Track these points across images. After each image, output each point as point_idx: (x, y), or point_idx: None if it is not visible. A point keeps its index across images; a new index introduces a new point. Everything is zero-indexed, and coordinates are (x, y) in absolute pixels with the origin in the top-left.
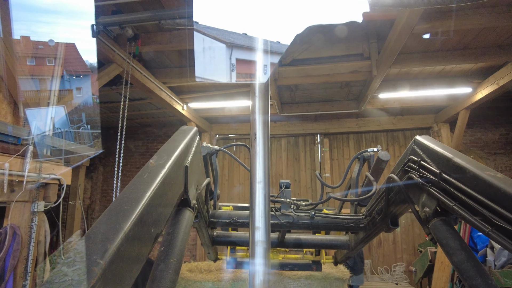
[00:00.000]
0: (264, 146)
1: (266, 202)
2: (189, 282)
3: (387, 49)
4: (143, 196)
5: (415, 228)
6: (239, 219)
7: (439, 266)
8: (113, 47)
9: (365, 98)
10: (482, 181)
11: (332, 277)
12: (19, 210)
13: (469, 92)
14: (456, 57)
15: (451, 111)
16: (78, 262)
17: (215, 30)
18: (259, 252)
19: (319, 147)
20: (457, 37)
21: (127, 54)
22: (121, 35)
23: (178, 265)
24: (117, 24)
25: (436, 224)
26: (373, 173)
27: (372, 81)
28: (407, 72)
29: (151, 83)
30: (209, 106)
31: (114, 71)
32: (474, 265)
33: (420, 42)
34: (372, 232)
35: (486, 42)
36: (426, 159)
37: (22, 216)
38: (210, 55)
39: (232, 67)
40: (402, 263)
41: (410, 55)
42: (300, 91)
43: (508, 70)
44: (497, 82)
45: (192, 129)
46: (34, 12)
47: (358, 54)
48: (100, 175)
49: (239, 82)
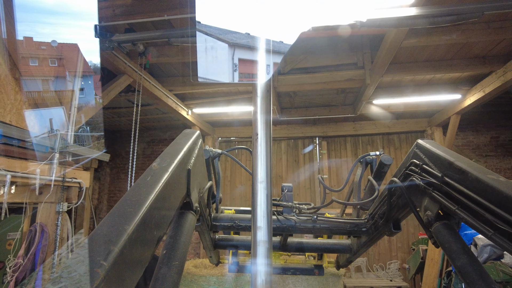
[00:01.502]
0: (266, 146)
1: (268, 202)
2: (195, 277)
3: (378, 60)
4: (146, 198)
5: (409, 227)
6: (241, 222)
7: (429, 263)
8: (124, 60)
9: (360, 104)
10: (485, 185)
11: (328, 272)
12: (46, 210)
13: (458, 98)
14: (444, 67)
15: (443, 116)
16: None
17: (217, 30)
18: (261, 252)
19: (317, 149)
20: (443, 49)
21: (138, 67)
22: (132, 50)
23: (180, 268)
24: (130, 41)
25: (439, 228)
26: (375, 177)
27: (366, 88)
28: (400, 80)
29: (158, 91)
30: (212, 111)
31: (126, 81)
32: (477, 269)
33: (409, 53)
34: (375, 236)
35: (470, 53)
36: (428, 162)
37: (48, 215)
38: (212, 55)
39: (235, 67)
40: (396, 260)
41: (400, 65)
42: (299, 97)
43: (493, 79)
44: (483, 90)
45: (195, 132)
46: (37, 13)
47: (352, 64)
48: (107, 176)
49: (241, 82)
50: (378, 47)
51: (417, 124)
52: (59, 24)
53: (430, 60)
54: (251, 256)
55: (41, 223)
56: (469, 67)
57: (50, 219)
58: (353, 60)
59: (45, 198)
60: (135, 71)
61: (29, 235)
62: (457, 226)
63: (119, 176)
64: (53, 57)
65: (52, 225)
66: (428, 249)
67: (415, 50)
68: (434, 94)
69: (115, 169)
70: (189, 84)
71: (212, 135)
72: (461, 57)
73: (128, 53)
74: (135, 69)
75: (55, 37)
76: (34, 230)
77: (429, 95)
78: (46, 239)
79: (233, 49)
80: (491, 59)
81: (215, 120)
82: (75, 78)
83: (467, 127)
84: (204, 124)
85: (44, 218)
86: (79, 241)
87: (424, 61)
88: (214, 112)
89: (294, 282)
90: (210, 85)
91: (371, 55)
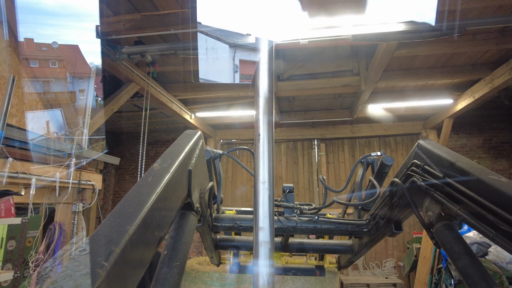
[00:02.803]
0: (268, 147)
1: (270, 203)
2: (199, 273)
3: (372, 68)
4: (147, 199)
5: (405, 226)
6: (242, 223)
7: (421, 261)
8: (132, 69)
9: (356, 108)
10: (486, 185)
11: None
12: (64, 210)
13: (451, 103)
14: (435, 74)
15: (436, 119)
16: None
17: (218, 31)
18: (263, 253)
19: (316, 151)
20: (434, 58)
21: (145, 75)
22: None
23: (181, 269)
24: (139, 53)
25: (440, 229)
26: (376, 178)
27: (362, 94)
28: (394, 85)
29: (163, 97)
30: (214, 115)
31: (133, 89)
32: (479, 270)
33: (401, 62)
34: (376, 237)
35: (459, 62)
36: (429, 163)
37: (66, 215)
38: (213, 56)
39: (236, 68)
40: (392, 259)
41: (394, 72)
42: (298, 101)
43: (481, 86)
44: (473, 95)
45: (196, 133)
46: (39, 14)
47: (348, 70)
48: (112, 178)
49: (242, 83)
50: (373, 55)
51: (413, 127)
52: (60, 25)
53: (421, 68)
54: (252, 257)
55: (59, 222)
56: (458, 74)
57: (67, 219)
58: (349, 67)
59: (63, 199)
60: (142, 79)
61: (49, 233)
62: (458, 227)
63: (124, 177)
64: (55, 58)
65: (69, 224)
66: (421, 247)
67: (407, 59)
68: (427, 98)
69: (120, 170)
70: (192, 90)
71: (214, 137)
72: (451, 64)
73: (136, 63)
74: (142, 77)
75: (56, 39)
76: (53, 229)
77: (423, 99)
78: (64, 237)
79: (234, 50)
80: (479, 67)
81: (217, 123)
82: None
83: (461, 130)
84: (206, 127)
85: (61, 218)
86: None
87: (416, 68)
88: (216, 115)
89: (292, 278)
90: (212, 91)
91: (366, 62)
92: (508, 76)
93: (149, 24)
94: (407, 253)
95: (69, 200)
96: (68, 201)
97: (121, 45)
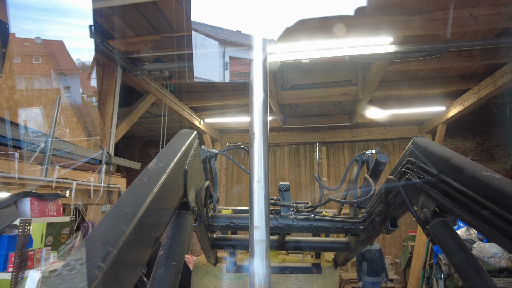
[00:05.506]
0: (263, 146)
1: (266, 202)
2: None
3: (368, 80)
4: (144, 199)
5: (401, 225)
6: (238, 222)
7: (415, 257)
8: (150, 82)
9: (355, 114)
10: (480, 182)
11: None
12: (95, 210)
13: (443, 110)
14: (427, 85)
15: (431, 124)
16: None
17: (207, 27)
18: (259, 252)
19: (317, 154)
20: (425, 71)
21: (162, 87)
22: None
23: (178, 268)
24: (159, 70)
25: (435, 225)
26: (371, 175)
27: (360, 102)
28: (390, 94)
29: (176, 105)
30: (221, 121)
31: (151, 99)
32: (473, 265)
33: (395, 74)
34: (372, 234)
35: (449, 73)
36: (424, 160)
37: (96, 214)
38: (203, 54)
39: (226, 65)
40: (389, 256)
41: (388, 83)
42: (300, 108)
43: (470, 95)
44: (463, 104)
45: (192, 132)
46: (22, 9)
47: (347, 81)
48: None
49: (232, 81)
50: (369, 67)
51: (409, 131)
52: (44, 20)
53: (414, 79)
54: (248, 256)
55: (92, 220)
56: (448, 85)
57: (97, 218)
58: (348, 77)
59: (95, 200)
60: (158, 91)
61: (83, 230)
62: (453, 223)
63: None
64: (38, 54)
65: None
66: (415, 244)
67: (400, 72)
68: (422, 106)
69: (131, 172)
70: (202, 99)
71: (220, 141)
72: (441, 76)
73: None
74: (159, 89)
75: (40, 34)
76: (86, 226)
77: (418, 107)
78: None
79: (223, 47)
80: (467, 78)
81: (224, 127)
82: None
83: (455, 134)
84: (214, 131)
85: (93, 217)
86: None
87: (409, 79)
88: (223, 121)
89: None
90: (220, 99)
91: (363, 73)
92: (493, 87)
93: (167, 44)
94: (403, 251)
95: (100, 202)
96: (98, 202)
97: (142, 63)
